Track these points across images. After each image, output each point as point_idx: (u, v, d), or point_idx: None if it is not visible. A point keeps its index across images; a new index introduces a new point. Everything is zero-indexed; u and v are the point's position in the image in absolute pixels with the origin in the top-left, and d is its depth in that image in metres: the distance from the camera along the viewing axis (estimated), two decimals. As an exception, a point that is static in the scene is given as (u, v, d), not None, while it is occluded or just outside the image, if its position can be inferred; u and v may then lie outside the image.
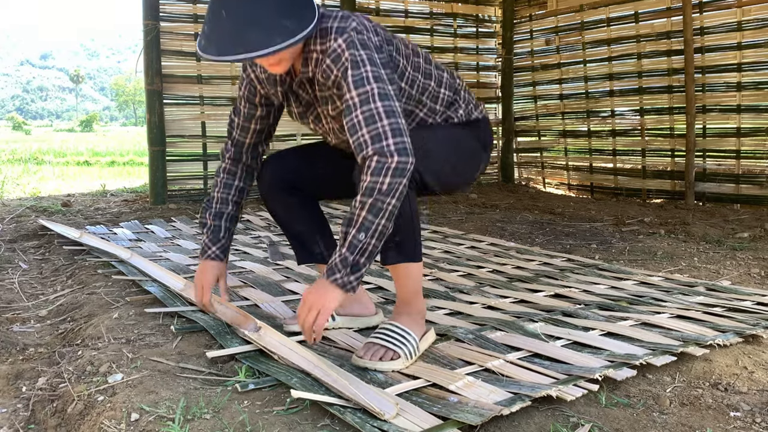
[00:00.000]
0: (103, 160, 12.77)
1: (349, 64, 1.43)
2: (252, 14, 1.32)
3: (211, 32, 1.36)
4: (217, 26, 1.35)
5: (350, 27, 1.46)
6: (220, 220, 1.76)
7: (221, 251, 1.76)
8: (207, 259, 1.75)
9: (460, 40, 6.49)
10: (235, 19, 1.32)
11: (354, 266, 1.38)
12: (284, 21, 1.33)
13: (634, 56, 5.57)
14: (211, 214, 1.76)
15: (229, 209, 1.77)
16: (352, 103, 1.42)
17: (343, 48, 1.44)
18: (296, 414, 1.34)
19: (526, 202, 5.30)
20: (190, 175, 5.30)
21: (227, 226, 1.77)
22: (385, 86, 1.43)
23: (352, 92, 1.42)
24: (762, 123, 4.89)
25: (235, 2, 1.34)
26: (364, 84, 1.42)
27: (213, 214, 1.76)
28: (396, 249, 1.55)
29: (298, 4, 1.37)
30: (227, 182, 1.77)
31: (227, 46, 1.32)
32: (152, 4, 5.02)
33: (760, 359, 1.67)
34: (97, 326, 1.95)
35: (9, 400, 1.57)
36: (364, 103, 1.41)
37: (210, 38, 1.36)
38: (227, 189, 1.77)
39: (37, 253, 3.26)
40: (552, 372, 1.51)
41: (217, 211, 1.76)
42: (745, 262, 2.99)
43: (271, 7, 1.33)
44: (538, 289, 2.42)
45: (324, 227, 1.84)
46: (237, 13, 1.33)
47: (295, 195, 1.77)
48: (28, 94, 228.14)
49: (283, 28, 1.33)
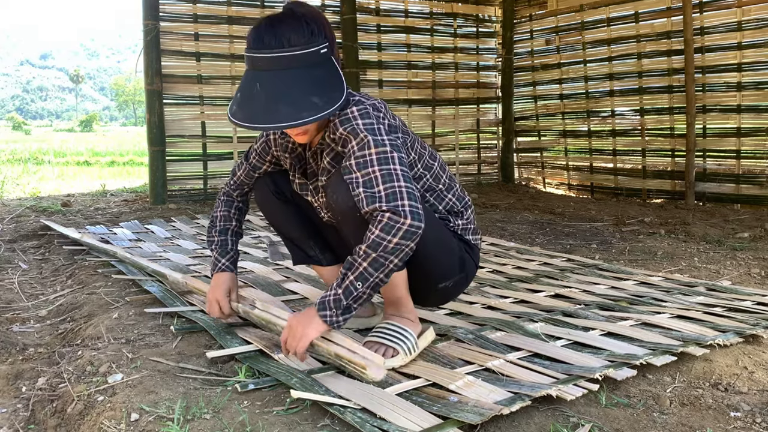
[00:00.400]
0: (103, 160, 12.77)
1: (365, 129, 1.47)
2: (284, 91, 1.41)
3: (243, 101, 1.44)
4: (249, 97, 1.43)
5: (367, 102, 1.53)
6: (226, 235, 1.86)
7: (231, 263, 1.85)
8: (219, 272, 1.84)
9: (460, 40, 6.49)
10: (267, 93, 1.41)
11: (345, 309, 1.45)
12: (313, 98, 1.41)
13: (634, 56, 5.57)
14: (216, 231, 1.86)
15: (233, 225, 1.88)
16: (369, 159, 1.44)
17: (355, 115, 1.49)
18: (296, 414, 1.34)
19: (526, 202, 5.30)
20: (190, 175, 5.31)
21: (233, 239, 1.87)
22: (402, 155, 1.48)
23: (371, 149, 1.45)
24: (762, 123, 4.89)
25: (270, 78, 1.42)
26: (385, 145, 1.46)
27: (218, 231, 1.86)
28: None
29: (329, 87, 1.45)
30: (227, 201, 1.89)
31: (258, 116, 1.41)
32: (152, 4, 5.03)
33: (761, 359, 1.67)
34: (96, 326, 1.95)
35: (9, 400, 1.56)
36: (383, 162, 1.44)
37: (241, 106, 1.44)
38: (228, 207, 1.88)
39: (37, 253, 3.26)
40: (552, 372, 1.51)
41: (222, 227, 1.87)
42: (745, 262, 2.98)
43: (302, 87, 1.42)
44: (538, 289, 2.41)
45: (318, 232, 1.85)
46: (270, 88, 1.42)
47: (288, 203, 1.81)
48: (28, 94, 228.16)
49: (311, 104, 1.41)
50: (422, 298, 1.74)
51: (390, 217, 1.39)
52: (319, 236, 1.84)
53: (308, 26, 1.45)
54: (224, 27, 5.34)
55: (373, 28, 6.04)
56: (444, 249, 1.65)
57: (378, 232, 1.39)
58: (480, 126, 6.68)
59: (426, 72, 6.32)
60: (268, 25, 1.44)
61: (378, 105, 1.54)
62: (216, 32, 5.33)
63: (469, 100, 6.59)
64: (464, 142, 6.64)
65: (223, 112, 5.37)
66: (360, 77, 5.88)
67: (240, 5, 5.40)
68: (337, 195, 1.52)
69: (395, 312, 1.67)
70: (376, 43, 6.04)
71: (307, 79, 1.42)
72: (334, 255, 1.85)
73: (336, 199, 1.53)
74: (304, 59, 1.43)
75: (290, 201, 1.80)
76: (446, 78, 6.44)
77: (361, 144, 1.45)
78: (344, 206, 1.51)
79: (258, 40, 1.43)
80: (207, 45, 5.30)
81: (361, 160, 1.44)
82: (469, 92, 6.58)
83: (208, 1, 5.29)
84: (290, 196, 1.80)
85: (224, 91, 5.38)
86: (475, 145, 6.69)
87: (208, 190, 5.34)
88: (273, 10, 5.49)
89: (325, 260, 1.86)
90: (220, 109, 5.37)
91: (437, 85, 6.38)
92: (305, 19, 1.46)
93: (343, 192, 1.50)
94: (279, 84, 1.41)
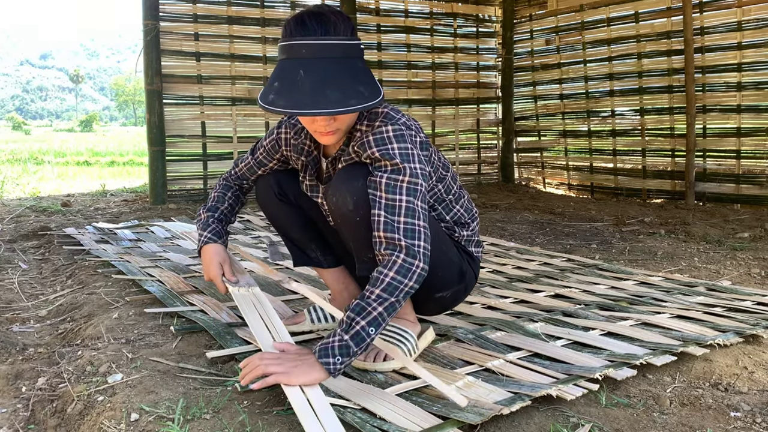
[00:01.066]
0: (103, 160, 12.77)
1: (400, 155, 1.45)
2: (332, 76, 1.37)
3: (284, 89, 1.38)
4: (292, 84, 1.38)
5: (400, 120, 1.50)
6: (214, 212, 1.81)
7: (213, 234, 1.77)
8: (202, 246, 1.76)
9: (460, 40, 6.49)
10: (313, 80, 1.36)
11: (352, 355, 1.35)
12: (359, 87, 1.38)
13: (635, 56, 5.57)
14: (205, 209, 1.82)
15: (224, 206, 1.82)
16: (399, 186, 1.42)
17: (390, 136, 1.46)
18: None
19: (526, 202, 5.30)
20: (190, 175, 5.31)
21: (219, 217, 1.81)
22: (426, 187, 1.47)
23: (404, 176, 1.43)
24: (762, 123, 4.89)
25: (315, 64, 1.38)
26: (417, 177, 1.44)
27: (207, 208, 1.82)
28: (370, 263, 1.55)
29: (371, 76, 1.43)
30: (225, 186, 1.85)
31: (303, 101, 1.35)
32: (152, 4, 5.03)
33: (761, 359, 1.67)
34: (96, 326, 1.95)
35: (9, 400, 1.56)
36: (411, 194, 1.42)
37: (282, 94, 1.38)
38: (225, 190, 1.84)
39: (37, 253, 3.26)
40: (552, 372, 1.51)
41: (212, 206, 1.81)
42: (745, 262, 2.98)
43: (349, 73, 1.39)
44: (538, 289, 2.41)
45: (320, 235, 1.83)
46: (317, 75, 1.37)
47: (291, 206, 1.78)
48: (28, 94, 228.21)
49: (358, 93, 1.38)
50: (419, 306, 1.73)
51: (404, 259, 1.37)
52: (321, 239, 1.83)
53: (349, 22, 1.44)
54: (224, 27, 5.34)
55: (373, 28, 6.04)
56: (444, 260, 1.63)
57: (394, 274, 1.36)
58: (480, 126, 6.68)
59: (426, 72, 6.32)
60: (312, 14, 1.41)
61: (408, 122, 1.51)
62: (216, 32, 5.33)
63: (469, 100, 6.59)
64: (464, 142, 6.64)
65: (223, 111, 5.37)
66: (360, 77, 5.88)
67: (240, 5, 5.40)
68: (336, 198, 1.51)
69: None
70: (376, 43, 6.04)
71: (353, 69, 1.40)
72: (336, 257, 1.84)
73: (336, 202, 1.51)
74: (349, 50, 1.41)
75: (293, 204, 1.78)
76: (446, 78, 6.44)
77: (395, 169, 1.43)
78: (344, 209, 1.50)
79: (302, 27, 1.39)
80: (207, 45, 5.30)
81: (391, 183, 1.42)
82: (469, 92, 6.58)
83: (208, 1, 5.29)
84: (294, 199, 1.77)
85: (224, 91, 5.38)
86: (475, 145, 6.69)
87: (208, 190, 5.34)
88: (273, 11, 5.50)
89: (327, 262, 1.84)
90: (220, 109, 5.38)
91: (437, 85, 6.38)
92: (342, 15, 1.44)
93: (342, 195, 1.49)
94: (326, 70, 1.37)
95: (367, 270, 1.56)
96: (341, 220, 1.53)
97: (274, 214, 1.80)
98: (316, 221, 1.79)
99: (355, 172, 1.49)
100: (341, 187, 1.49)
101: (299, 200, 1.77)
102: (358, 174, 1.49)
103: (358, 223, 1.49)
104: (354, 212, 1.48)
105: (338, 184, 1.51)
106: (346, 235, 1.57)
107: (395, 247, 1.38)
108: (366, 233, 1.49)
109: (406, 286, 1.36)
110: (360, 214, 1.48)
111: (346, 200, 1.48)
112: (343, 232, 1.58)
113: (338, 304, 1.86)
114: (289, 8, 5.58)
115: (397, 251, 1.38)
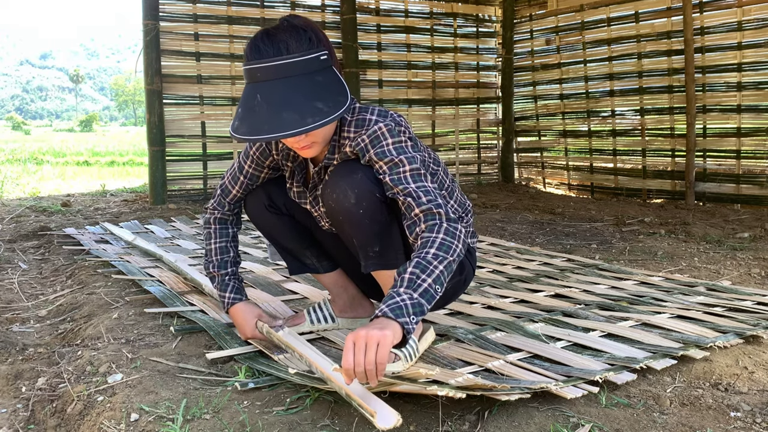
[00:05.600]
0: (103, 160, 12.76)
1: (392, 146, 1.46)
2: (286, 98, 1.37)
3: (244, 115, 1.39)
4: (251, 109, 1.39)
5: (389, 117, 1.51)
6: (226, 268, 1.76)
7: (236, 292, 1.75)
8: (230, 307, 1.74)
9: (461, 40, 6.49)
10: (269, 103, 1.37)
11: (426, 313, 1.30)
12: (317, 104, 1.37)
13: (635, 56, 5.57)
14: (214, 266, 1.76)
15: (231, 255, 1.77)
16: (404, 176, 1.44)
17: (384, 132, 1.48)
18: (296, 414, 1.34)
19: (526, 202, 5.30)
20: (190, 175, 5.31)
21: (233, 270, 1.77)
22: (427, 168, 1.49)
23: (406, 165, 1.44)
24: (762, 123, 4.89)
25: (270, 87, 1.38)
26: (416, 161, 1.46)
27: (217, 265, 1.76)
28: (376, 258, 1.55)
29: (332, 91, 1.41)
30: (222, 230, 1.78)
31: (260, 127, 1.36)
32: (152, 4, 5.03)
33: (761, 359, 1.67)
34: (96, 326, 1.95)
35: (9, 401, 1.56)
36: (417, 179, 1.44)
37: (243, 120, 1.39)
38: (224, 237, 1.78)
39: (37, 253, 3.26)
40: (552, 373, 1.51)
41: (221, 261, 1.76)
42: (745, 262, 2.98)
43: (305, 93, 1.38)
44: (538, 289, 2.41)
45: (314, 241, 1.83)
46: (271, 98, 1.37)
47: (282, 216, 1.77)
48: (28, 94, 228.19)
49: (316, 110, 1.37)
50: None
51: (449, 224, 1.38)
52: (316, 245, 1.81)
53: (306, 33, 1.42)
54: (224, 27, 5.34)
55: (373, 28, 6.04)
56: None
57: (443, 235, 1.36)
58: (480, 126, 6.68)
59: (426, 72, 6.32)
60: (264, 36, 1.41)
61: (398, 119, 1.52)
62: (216, 32, 5.34)
63: (469, 100, 6.59)
64: (464, 142, 6.64)
65: (223, 111, 5.38)
66: (360, 77, 5.88)
67: (240, 5, 5.40)
68: (336, 194, 1.50)
69: None
70: (376, 43, 6.04)
71: (309, 85, 1.39)
72: (332, 262, 1.83)
73: (336, 198, 1.50)
74: (304, 66, 1.39)
75: (284, 213, 1.76)
76: (446, 78, 6.44)
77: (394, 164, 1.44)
78: (346, 203, 1.49)
79: (255, 50, 1.40)
80: (207, 45, 5.30)
81: (395, 177, 1.44)
82: (469, 92, 6.58)
83: (208, 1, 5.29)
84: (285, 209, 1.76)
85: (224, 91, 5.38)
86: (475, 145, 6.69)
87: (207, 190, 5.34)
88: (273, 10, 5.50)
89: (323, 267, 1.83)
90: (220, 109, 5.38)
91: (437, 85, 6.38)
92: (302, 28, 1.43)
93: (343, 189, 1.48)
94: (280, 92, 1.37)
95: (374, 265, 1.56)
96: (343, 216, 1.52)
97: (266, 226, 1.78)
98: (309, 228, 1.79)
99: (352, 167, 1.50)
100: (340, 183, 1.49)
101: (290, 209, 1.76)
102: (355, 168, 1.49)
103: (361, 215, 1.49)
104: (356, 205, 1.48)
105: (337, 180, 1.50)
106: (348, 232, 1.55)
107: (434, 215, 1.39)
108: (370, 225, 1.49)
109: (457, 247, 1.36)
110: (363, 206, 1.48)
111: (347, 194, 1.48)
112: (344, 229, 1.56)
113: (338, 306, 1.86)
114: (289, 8, 5.58)
115: (437, 218, 1.39)
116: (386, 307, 1.25)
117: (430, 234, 1.37)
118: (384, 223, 1.52)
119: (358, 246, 1.56)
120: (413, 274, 1.29)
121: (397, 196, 1.44)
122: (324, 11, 5.79)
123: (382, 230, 1.52)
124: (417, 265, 1.31)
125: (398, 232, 1.56)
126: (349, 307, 1.87)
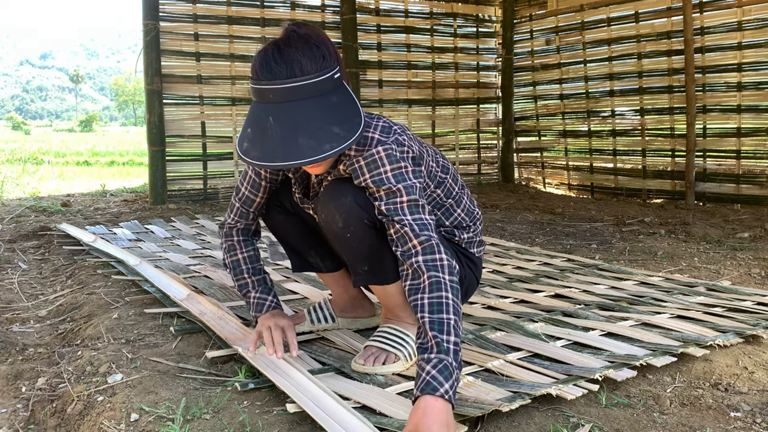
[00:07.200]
0: (103, 160, 12.77)
1: (395, 178, 1.41)
2: (302, 123, 1.30)
3: (256, 137, 1.32)
4: (262, 132, 1.32)
5: (390, 138, 1.44)
6: (260, 274, 1.71)
7: (278, 300, 1.71)
8: (269, 311, 1.66)
9: (461, 40, 6.49)
10: (283, 127, 1.30)
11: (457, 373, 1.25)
12: (334, 128, 1.32)
13: (635, 56, 5.57)
14: (246, 272, 1.70)
15: (262, 264, 1.74)
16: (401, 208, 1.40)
17: (382, 157, 1.42)
18: (296, 414, 1.34)
19: (526, 202, 5.30)
20: (190, 175, 5.31)
21: (268, 276, 1.74)
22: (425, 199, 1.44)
23: (404, 196, 1.40)
24: (762, 123, 4.89)
25: (284, 110, 1.31)
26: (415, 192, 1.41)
27: (251, 271, 1.70)
28: (364, 275, 1.56)
29: (347, 113, 1.35)
30: (246, 241, 1.73)
31: (274, 151, 1.30)
32: (152, 4, 5.03)
33: (761, 359, 1.67)
34: (96, 326, 1.95)
35: (9, 401, 1.56)
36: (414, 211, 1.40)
37: (255, 143, 1.32)
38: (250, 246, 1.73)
39: (37, 253, 3.26)
40: (552, 372, 1.51)
41: (254, 267, 1.71)
42: (745, 262, 2.98)
43: (320, 117, 1.32)
44: (538, 289, 2.41)
45: (319, 242, 1.83)
46: (286, 121, 1.30)
47: (289, 214, 1.76)
48: (28, 94, 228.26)
49: (332, 135, 1.31)
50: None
51: (447, 259, 1.36)
52: (321, 245, 1.81)
53: (318, 50, 1.34)
54: (224, 27, 5.34)
55: (373, 28, 6.04)
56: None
57: (448, 276, 1.34)
58: (480, 126, 6.68)
59: (426, 72, 6.33)
60: (275, 52, 1.32)
61: (401, 139, 1.45)
62: (216, 32, 5.34)
63: (469, 100, 6.59)
64: (464, 142, 6.64)
65: (223, 112, 5.37)
66: (360, 77, 5.88)
67: (240, 5, 5.40)
68: (325, 215, 1.50)
69: (394, 315, 1.66)
70: (376, 43, 6.04)
71: (324, 108, 1.32)
72: (336, 262, 1.83)
73: (325, 218, 1.50)
74: (319, 87, 1.32)
75: (291, 212, 1.75)
76: (446, 78, 6.44)
77: (391, 192, 1.40)
78: (334, 226, 1.48)
79: (267, 70, 1.31)
80: (207, 45, 5.30)
81: (391, 207, 1.40)
82: (469, 92, 6.58)
83: (208, 1, 5.29)
84: (291, 208, 1.75)
85: (224, 92, 5.38)
86: (475, 145, 6.69)
87: (207, 190, 5.34)
88: (273, 11, 5.50)
89: (326, 267, 1.82)
90: (220, 109, 5.38)
91: (437, 85, 6.38)
92: (313, 42, 1.35)
93: (331, 212, 1.48)
94: (295, 116, 1.30)
95: (363, 281, 1.58)
96: (332, 236, 1.54)
97: (273, 223, 1.78)
98: (315, 228, 1.79)
99: (342, 188, 1.47)
100: (329, 205, 1.48)
101: (296, 209, 1.75)
102: (345, 190, 1.46)
103: (348, 239, 1.49)
104: (344, 229, 1.47)
105: (326, 202, 1.49)
106: (339, 250, 1.58)
107: (432, 248, 1.36)
108: (358, 248, 1.49)
109: (455, 286, 1.34)
110: (350, 231, 1.47)
111: (335, 218, 1.47)
112: (335, 246, 1.59)
113: (339, 306, 1.87)
114: (289, 8, 5.58)
115: (435, 252, 1.36)
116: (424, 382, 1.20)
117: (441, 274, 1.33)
118: (373, 246, 1.51)
119: (348, 262, 1.58)
120: (433, 335, 1.25)
121: (392, 224, 1.41)
122: (324, 11, 5.79)
123: (371, 252, 1.52)
124: (436, 324, 1.26)
125: (388, 251, 1.52)
126: (350, 307, 1.87)
